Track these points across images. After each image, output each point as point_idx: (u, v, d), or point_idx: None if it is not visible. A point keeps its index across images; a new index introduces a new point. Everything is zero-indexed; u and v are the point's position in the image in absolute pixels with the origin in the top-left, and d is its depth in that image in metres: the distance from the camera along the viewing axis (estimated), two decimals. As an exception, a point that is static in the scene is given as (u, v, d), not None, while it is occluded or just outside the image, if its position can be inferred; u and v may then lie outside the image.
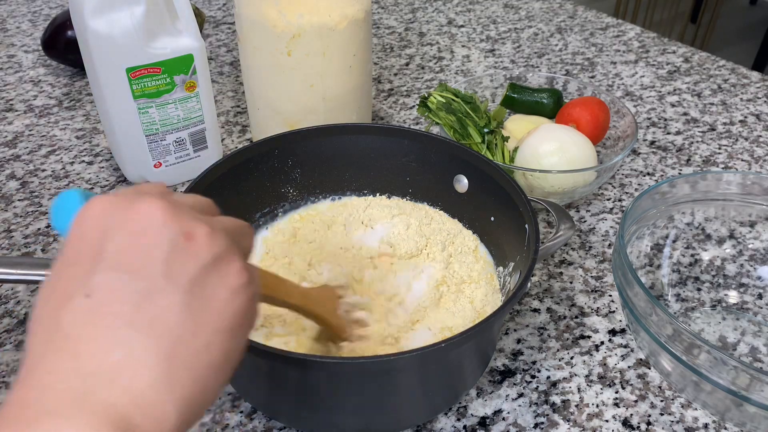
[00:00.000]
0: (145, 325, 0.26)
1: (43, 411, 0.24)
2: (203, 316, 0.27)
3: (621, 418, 0.50)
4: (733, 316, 0.59)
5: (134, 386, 0.25)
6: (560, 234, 0.53)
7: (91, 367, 0.25)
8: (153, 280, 0.26)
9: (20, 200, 0.70)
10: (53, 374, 0.25)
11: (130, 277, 0.26)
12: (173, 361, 0.26)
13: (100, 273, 0.26)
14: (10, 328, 0.56)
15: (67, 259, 0.28)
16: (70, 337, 0.25)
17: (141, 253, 0.27)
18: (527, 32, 1.10)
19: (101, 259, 0.27)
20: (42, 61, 0.97)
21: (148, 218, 0.27)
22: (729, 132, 0.84)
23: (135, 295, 0.26)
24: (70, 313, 0.26)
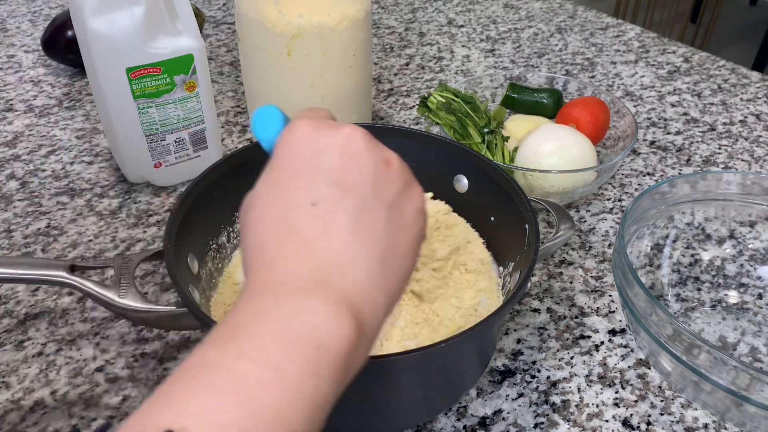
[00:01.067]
0: (362, 233, 0.31)
1: (292, 289, 0.29)
2: (401, 229, 0.33)
3: (621, 418, 0.50)
4: (733, 316, 0.59)
5: (359, 280, 0.30)
6: (560, 234, 0.53)
7: (326, 261, 0.30)
8: (364, 197, 0.32)
9: (20, 200, 0.70)
10: (296, 264, 0.30)
11: (347, 193, 0.31)
12: (383, 263, 0.31)
13: (322, 186, 0.31)
14: (10, 328, 0.56)
15: (285, 171, 0.32)
16: (304, 237, 0.30)
17: (354, 173, 0.32)
18: (527, 32, 1.10)
19: (319, 173, 0.31)
20: (42, 61, 0.97)
21: (354, 143, 0.32)
22: (729, 132, 0.84)
23: (352, 208, 0.31)
24: (300, 216, 0.31)
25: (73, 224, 0.67)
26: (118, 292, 0.47)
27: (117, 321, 0.57)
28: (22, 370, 0.52)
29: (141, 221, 0.68)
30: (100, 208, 0.70)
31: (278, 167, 0.33)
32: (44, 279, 0.47)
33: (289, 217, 0.31)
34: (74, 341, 0.55)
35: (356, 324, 0.29)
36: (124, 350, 0.54)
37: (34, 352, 0.54)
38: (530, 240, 0.48)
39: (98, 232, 0.66)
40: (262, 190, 0.33)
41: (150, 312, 0.46)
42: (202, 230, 0.54)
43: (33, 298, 0.59)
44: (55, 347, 0.54)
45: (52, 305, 0.58)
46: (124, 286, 0.47)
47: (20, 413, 0.49)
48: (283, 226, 0.31)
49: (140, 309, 0.46)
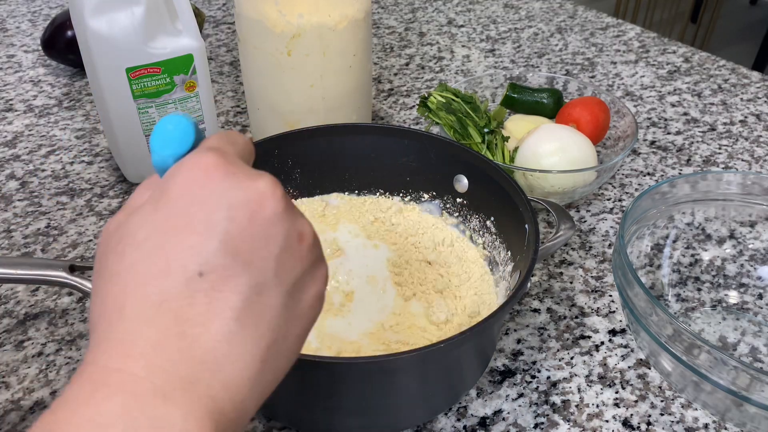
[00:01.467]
0: (251, 323, 0.26)
1: (152, 389, 0.23)
2: (295, 317, 0.28)
3: (621, 418, 0.50)
4: (733, 316, 0.58)
5: (232, 382, 0.25)
6: (560, 234, 0.53)
7: (198, 354, 0.24)
8: (264, 276, 0.26)
9: (20, 200, 0.70)
10: (160, 352, 0.24)
11: (245, 267, 0.26)
12: (265, 362, 0.26)
13: (215, 252, 0.25)
14: (10, 328, 0.56)
15: (175, 217, 0.26)
16: (179, 316, 0.25)
17: (259, 244, 0.26)
18: (527, 32, 1.10)
19: (216, 234, 0.25)
20: (42, 61, 0.97)
21: (270, 205, 0.26)
22: (729, 132, 0.84)
23: (246, 288, 0.25)
24: (178, 287, 0.25)
25: (73, 224, 0.67)
26: None
27: (117, 321, 0.57)
28: (22, 370, 0.52)
29: (141, 221, 0.68)
30: (99, 208, 0.70)
31: (168, 208, 0.26)
32: (44, 279, 0.47)
33: (167, 283, 0.25)
34: (74, 341, 0.55)
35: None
36: (124, 350, 0.54)
37: (34, 352, 0.54)
38: (530, 240, 0.48)
39: (98, 232, 0.66)
40: (138, 232, 0.26)
41: None
42: None
43: (33, 298, 0.59)
44: (55, 347, 0.54)
45: (52, 305, 0.58)
46: None
47: (20, 413, 0.49)
48: (154, 295, 0.25)
49: None
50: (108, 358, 0.24)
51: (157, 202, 0.26)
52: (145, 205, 0.27)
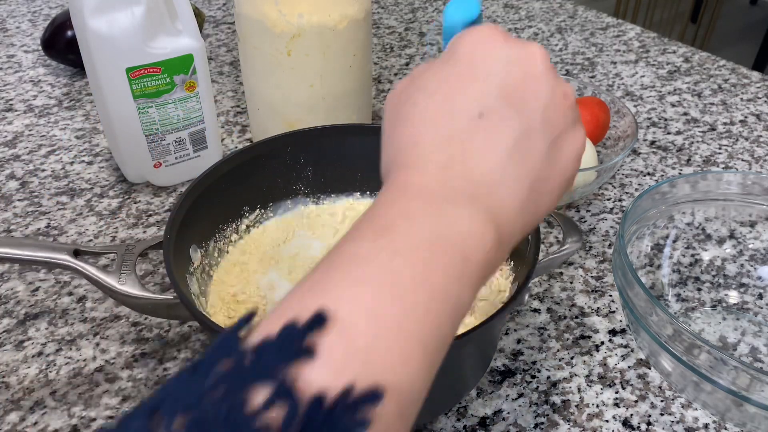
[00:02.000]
0: (520, 159, 0.30)
1: (442, 197, 0.28)
2: (555, 166, 0.32)
3: (621, 418, 0.50)
4: (733, 316, 0.58)
5: (505, 201, 0.30)
6: (566, 247, 0.52)
7: (478, 177, 0.29)
8: (532, 123, 0.30)
9: (20, 200, 0.70)
10: (448, 173, 0.29)
11: (516, 113, 0.30)
12: (530, 193, 0.30)
13: (494, 98, 0.30)
14: (10, 328, 0.56)
15: (459, 70, 0.31)
16: (462, 146, 0.29)
17: (529, 95, 0.30)
18: (527, 32, 1.10)
19: (494, 84, 0.30)
20: (42, 61, 0.97)
21: (539, 64, 0.31)
22: (729, 132, 0.84)
23: (517, 129, 0.30)
24: (463, 124, 0.30)
25: (73, 224, 0.67)
26: (118, 278, 0.47)
27: (117, 321, 0.57)
28: (22, 370, 0.52)
29: (141, 221, 0.68)
30: (99, 208, 0.70)
31: (455, 64, 0.31)
32: (48, 261, 0.47)
33: (453, 122, 0.30)
34: (74, 341, 0.55)
35: (497, 239, 0.28)
36: (124, 350, 0.54)
37: (34, 352, 0.54)
38: (529, 252, 0.48)
39: (98, 232, 0.66)
40: (430, 84, 0.31)
41: (147, 300, 0.46)
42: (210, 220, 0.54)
43: (33, 298, 0.59)
44: (55, 347, 0.54)
45: (52, 305, 0.58)
46: (124, 273, 0.47)
47: (20, 413, 0.49)
48: (443, 130, 0.30)
49: (138, 296, 0.46)
50: (407, 176, 0.29)
51: (447, 60, 0.31)
52: (435, 63, 0.32)
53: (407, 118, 0.31)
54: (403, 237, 0.26)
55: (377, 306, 0.24)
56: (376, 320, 0.24)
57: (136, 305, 0.47)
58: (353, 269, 0.25)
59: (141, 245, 0.50)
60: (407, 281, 0.25)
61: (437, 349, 0.26)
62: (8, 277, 0.61)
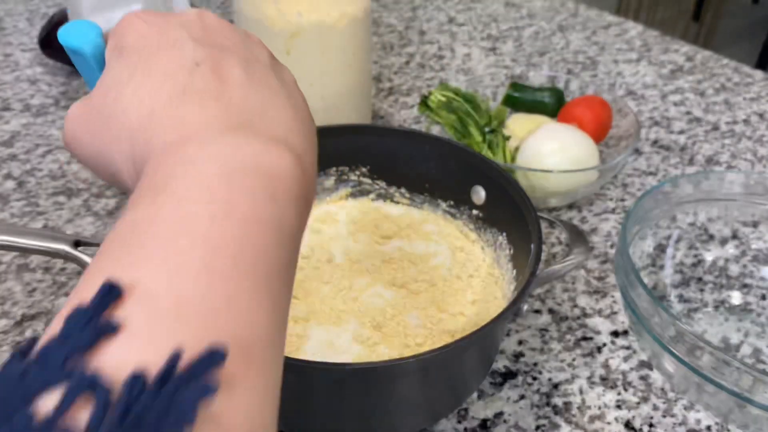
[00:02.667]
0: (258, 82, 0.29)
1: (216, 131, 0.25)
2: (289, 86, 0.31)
3: (623, 420, 0.49)
4: (736, 317, 0.58)
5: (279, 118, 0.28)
6: (571, 258, 0.51)
7: (239, 107, 0.27)
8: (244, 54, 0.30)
9: (17, 200, 0.70)
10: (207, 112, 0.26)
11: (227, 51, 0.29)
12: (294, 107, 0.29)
13: (196, 48, 0.28)
14: (7, 330, 0.55)
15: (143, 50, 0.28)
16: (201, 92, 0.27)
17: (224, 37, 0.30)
18: (528, 30, 1.10)
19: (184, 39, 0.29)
20: (39, 60, 0.97)
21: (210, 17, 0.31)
22: (732, 131, 0.84)
23: (239, 61, 0.29)
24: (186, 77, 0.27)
25: (71, 224, 0.67)
26: None
27: (114, 322, 0.56)
28: (18, 372, 0.52)
29: (139, 221, 0.67)
30: (97, 208, 0.69)
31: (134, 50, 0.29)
32: (48, 251, 0.47)
33: (176, 81, 0.27)
34: (71, 342, 0.54)
35: (295, 155, 0.26)
36: (121, 352, 0.54)
37: (31, 353, 0.54)
38: (531, 262, 0.47)
39: (95, 232, 0.66)
40: (121, 76, 0.28)
41: None
42: None
43: (30, 299, 0.58)
44: (52, 349, 0.54)
45: (50, 306, 0.58)
46: None
47: (16, 415, 0.49)
48: (172, 89, 0.27)
49: None
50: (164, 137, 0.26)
51: (120, 55, 0.29)
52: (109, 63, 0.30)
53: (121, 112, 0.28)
54: (185, 182, 0.23)
55: (176, 259, 0.21)
56: (178, 273, 0.20)
57: None
58: (135, 237, 0.22)
59: None
60: (205, 221, 0.22)
61: (273, 279, 0.23)
62: (5, 278, 0.60)
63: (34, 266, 0.62)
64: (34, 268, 0.61)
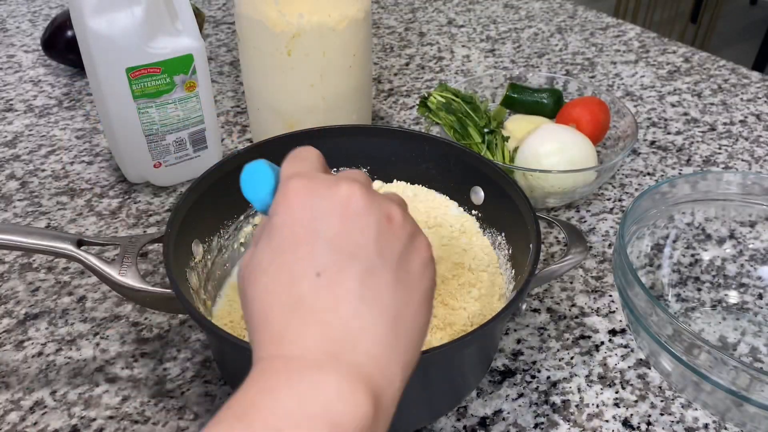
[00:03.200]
0: (371, 299, 0.30)
1: (305, 364, 0.28)
2: (410, 287, 0.31)
3: (621, 418, 0.50)
4: (733, 316, 0.58)
5: (372, 350, 0.29)
6: (569, 258, 0.51)
7: (336, 333, 0.29)
8: (369, 260, 0.30)
9: (20, 200, 0.70)
10: (304, 338, 0.29)
11: (351, 258, 0.30)
12: (396, 327, 0.30)
13: (324, 254, 0.30)
14: (10, 328, 0.56)
15: (285, 240, 0.30)
16: (311, 309, 0.29)
17: (356, 236, 0.30)
18: (527, 32, 1.10)
19: (319, 240, 0.30)
20: (42, 61, 0.97)
21: (354, 203, 0.31)
22: (729, 132, 0.84)
23: (358, 273, 0.30)
24: (305, 288, 0.29)
25: (73, 224, 0.67)
26: (119, 269, 0.47)
27: (117, 321, 0.57)
28: (22, 370, 0.52)
29: (141, 221, 0.68)
30: (99, 208, 0.70)
31: (278, 236, 0.31)
32: (51, 250, 0.47)
33: (294, 290, 0.30)
34: (74, 341, 0.55)
35: (372, 397, 0.28)
36: (124, 350, 0.54)
37: (34, 352, 0.54)
38: (530, 261, 0.47)
39: (98, 232, 0.66)
40: (263, 261, 0.31)
41: (146, 292, 0.47)
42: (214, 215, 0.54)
43: (33, 298, 0.59)
44: (55, 347, 0.54)
45: (52, 305, 0.58)
46: (126, 265, 0.48)
47: (20, 413, 0.49)
48: (288, 298, 0.30)
49: (137, 288, 0.47)
50: (267, 352, 0.29)
51: (269, 235, 0.31)
52: (260, 241, 0.32)
53: (253, 299, 0.31)
54: (263, 416, 0.26)
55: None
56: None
57: (136, 297, 0.48)
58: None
59: (144, 238, 0.50)
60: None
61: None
62: (8, 277, 0.61)
63: (37, 266, 0.62)
64: (37, 267, 0.62)
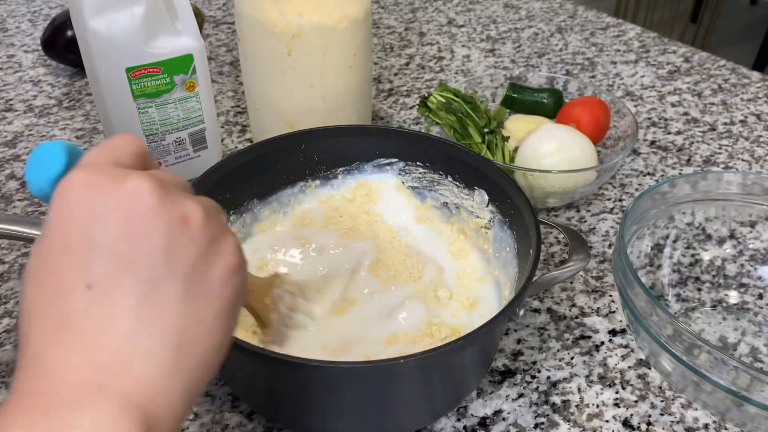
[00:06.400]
0: (151, 316, 0.26)
1: (58, 402, 0.24)
2: (204, 301, 0.27)
3: (621, 418, 0.50)
4: (733, 316, 0.58)
5: (145, 376, 0.25)
6: (570, 264, 0.51)
7: (102, 359, 0.25)
8: (154, 270, 0.26)
9: (20, 200, 0.70)
10: (64, 366, 0.25)
11: (130, 268, 0.26)
12: (180, 350, 0.26)
13: (99, 262, 0.25)
14: (10, 328, 0.56)
15: (56, 242, 0.26)
16: (78, 329, 0.25)
17: (139, 242, 0.26)
18: (527, 32, 1.10)
19: (96, 245, 0.26)
20: (42, 61, 0.97)
21: (142, 201, 0.26)
22: (729, 132, 0.84)
23: (138, 285, 0.26)
24: (72, 303, 0.25)
25: (73, 224, 0.67)
26: None
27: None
28: (21, 371, 0.52)
29: (141, 221, 0.68)
30: (100, 208, 0.69)
31: (49, 236, 0.26)
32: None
33: (60, 305, 0.25)
34: (74, 341, 0.55)
35: (143, 427, 0.24)
36: (124, 350, 0.54)
37: (34, 352, 0.54)
38: (530, 266, 0.47)
39: (98, 232, 0.66)
40: (31, 265, 0.27)
41: None
42: None
43: (33, 299, 0.59)
44: (55, 347, 0.54)
45: (52, 305, 0.58)
46: None
47: (20, 413, 0.49)
48: (53, 315, 0.26)
49: None
50: (20, 384, 0.25)
51: (42, 234, 0.27)
52: (37, 241, 0.27)
53: (22, 310, 0.27)
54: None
55: None
56: None
57: None
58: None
59: None
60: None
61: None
62: (8, 277, 0.61)
63: (37, 266, 0.62)
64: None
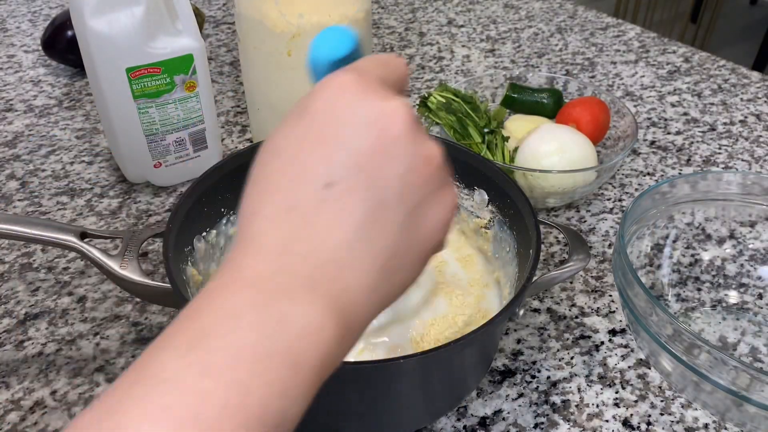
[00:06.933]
0: (372, 234, 0.27)
1: (277, 287, 0.25)
2: (415, 239, 0.28)
3: (621, 418, 0.50)
4: (733, 316, 0.59)
5: (353, 287, 0.26)
6: (570, 265, 0.51)
7: (321, 256, 0.26)
8: (387, 193, 0.27)
9: (20, 200, 0.70)
10: (286, 254, 0.26)
11: (369, 182, 0.27)
12: (384, 272, 0.27)
13: (343, 166, 0.26)
14: (10, 328, 0.56)
15: (313, 132, 0.27)
16: (306, 220, 0.26)
17: (385, 161, 0.27)
18: (527, 32, 1.10)
19: (346, 150, 0.27)
20: (42, 61, 0.97)
21: (396, 127, 0.27)
22: (729, 132, 0.84)
23: (369, 202, 0.27)
24: (308, 194, 0.26)
25: (73, 224, 0.67)
26: (120, 262, 0.48)
27: (117, 321, 0.57)
28: (22, 370, 0.52)
29: (141, 221, 0.68)
30: (100, 208, 0.70)
31: (305, 122, 0.28)
32: (54, 241, 0.48)
33: (295, 192, 0.27)
34: (74, 341, 0.55)
35: (338, 333, 0.25)
36: (124, 350, 0.54)
37: (34, 352, 0.54)
38: (529, 266, 0.47)
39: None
40: (278, 141, 0.28)
41: (145, 285, 0.47)
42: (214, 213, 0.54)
43: (33, 298, 0.59)
44: (55, 347, 0.54)
45: (52, 305, 0.58)
46: (127, 258, 0.49)
47: (20, 413, 0.49)
48: (286, 200, 0.27)
49: (137, 281, 0.48)
50: (243, 256, 0.26)
51: (299, 116, 0.28)
52: (289, 119, 0.28)
53: (255, 180, 0.28)
54: (219, 346, 0.23)
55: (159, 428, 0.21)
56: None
57: (136, 291, 0.48)
58: (155, 395, 0.22)
59: (147, 231, 0.51)
60: (215, 408, 0.21)
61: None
62: (8, 277, 0.61)
63: (38, 265, 0.62)
64: (37, 267, 0.62)
